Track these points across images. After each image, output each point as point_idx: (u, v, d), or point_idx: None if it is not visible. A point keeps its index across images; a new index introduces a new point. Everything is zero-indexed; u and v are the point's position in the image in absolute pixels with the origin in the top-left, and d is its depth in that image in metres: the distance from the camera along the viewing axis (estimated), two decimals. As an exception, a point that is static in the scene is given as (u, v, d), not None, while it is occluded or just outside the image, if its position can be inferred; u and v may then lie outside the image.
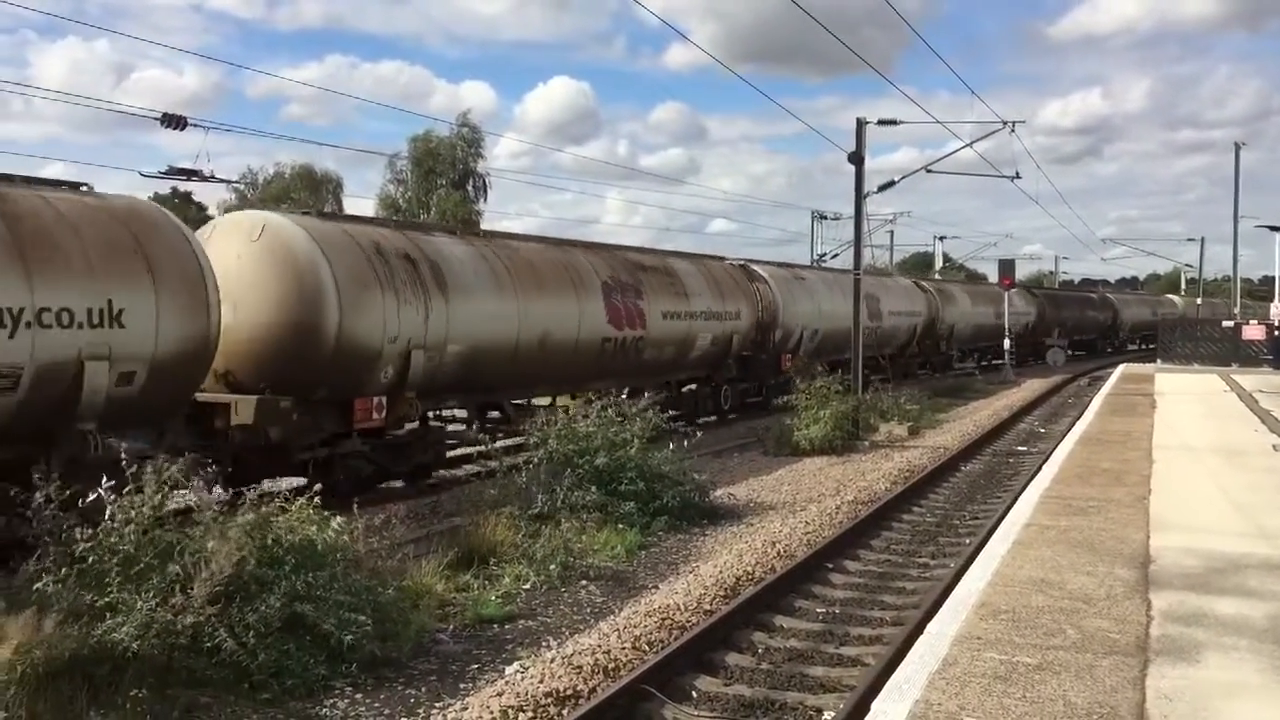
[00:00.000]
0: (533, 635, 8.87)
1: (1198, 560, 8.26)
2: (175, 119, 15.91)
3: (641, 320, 19.56)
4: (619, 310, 18.83)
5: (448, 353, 14.72)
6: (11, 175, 10.50)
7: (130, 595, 7.04)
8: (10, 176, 10.43)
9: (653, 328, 19.89)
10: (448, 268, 14.98)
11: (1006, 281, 43.28)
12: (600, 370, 18.75)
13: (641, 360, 19.97)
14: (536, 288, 16.69)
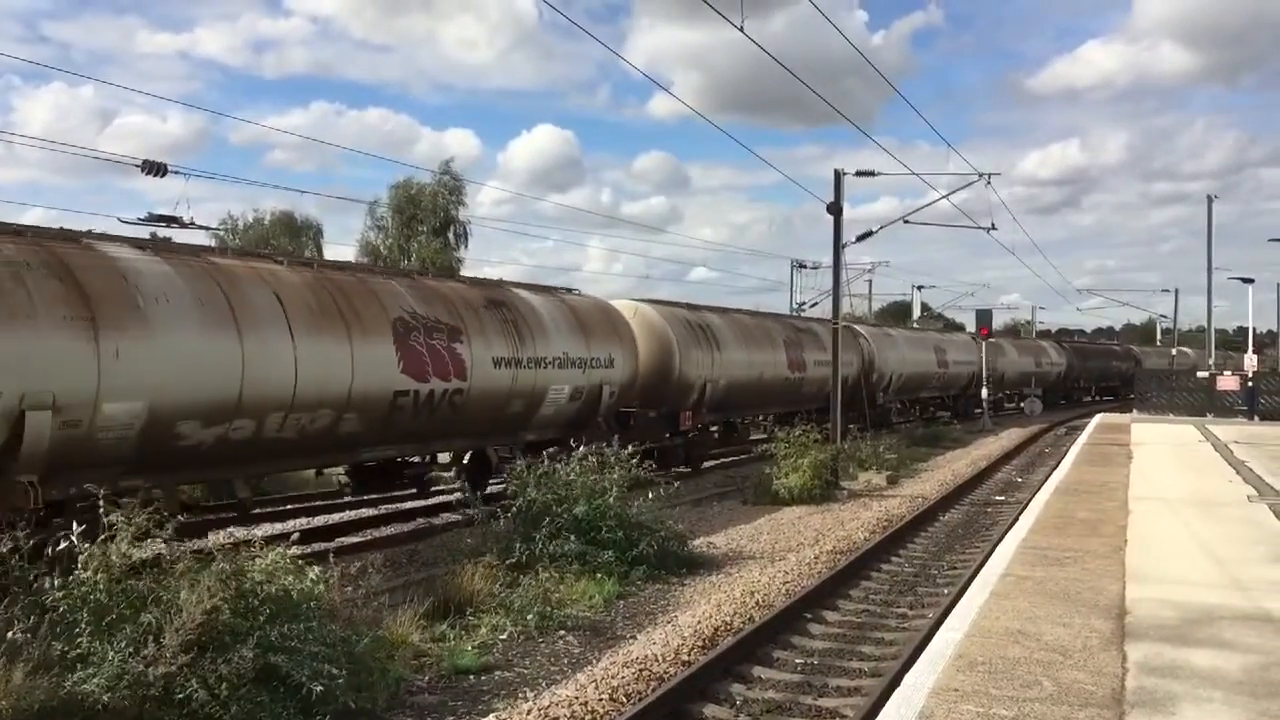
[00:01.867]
0: (509, 686, 8.79)
1: (1173, 612, 8.28)
2: (156, 166, 15.94)
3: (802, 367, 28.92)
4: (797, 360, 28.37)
5: (719, 384, 23.70)
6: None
7: (102, 645, 6.96)
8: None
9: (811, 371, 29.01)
10: (718, 331, 24.28)
11: (984, 331, 43.67)
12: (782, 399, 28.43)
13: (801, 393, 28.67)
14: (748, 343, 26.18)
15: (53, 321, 9.93)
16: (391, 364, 13.98)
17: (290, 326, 12.50)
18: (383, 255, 54.32)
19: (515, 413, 17.08)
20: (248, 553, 7.97)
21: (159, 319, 10.97)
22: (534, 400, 17.39)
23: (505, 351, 16.46)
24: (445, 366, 15.07)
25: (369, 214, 56.68)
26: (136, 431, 10.71)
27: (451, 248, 56.56)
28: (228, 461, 12.34)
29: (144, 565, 7.80)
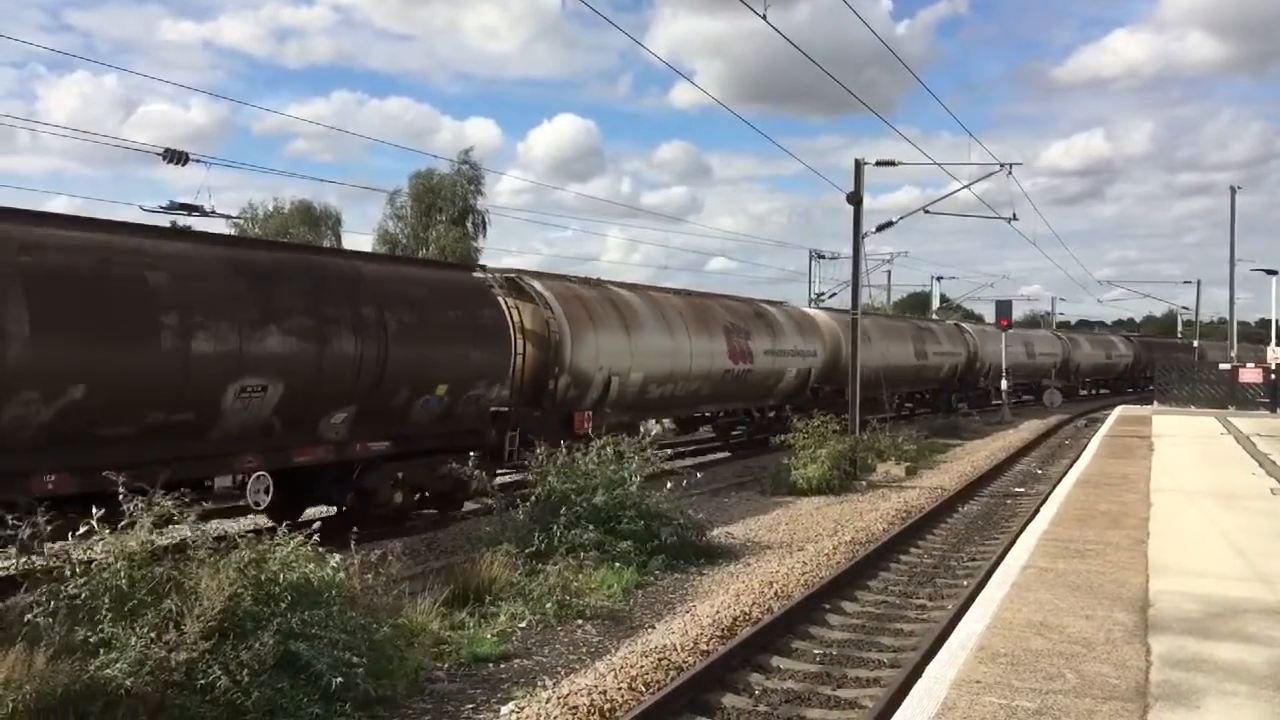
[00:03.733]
0: (528, 675, 8.80)
1: (1197, 605, 8.23)
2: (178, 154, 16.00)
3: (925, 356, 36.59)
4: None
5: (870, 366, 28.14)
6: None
7: (124, 631, 6.99)
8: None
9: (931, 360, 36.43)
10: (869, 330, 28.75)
11: (1004, 322, 43.50)
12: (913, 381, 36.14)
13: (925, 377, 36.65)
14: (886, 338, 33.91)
15: (610, 329, 19.21)
16: (724, 353, 23.26)
17: (688, 331, 21.88)
18: (401, 244, 54.49)
19: (769, 385, 26.22)
20: (269, 540, 7.99)
21: (644, 327, 20.41)
22: (778, 378, 26.44)
23: (769, 345, 25.53)
24: (743, 354, 23.99)
25: (389, 203, 56.94)
26: (637, 389, 20.07)
27: (470, 237, 56.69)
28: (664, 408, 22.91)
29: (165, 551, 7.82)
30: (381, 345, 13.15)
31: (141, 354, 10.46)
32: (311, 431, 12.73)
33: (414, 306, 13.99)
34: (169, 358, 10.63)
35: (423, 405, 14.20)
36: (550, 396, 17.53)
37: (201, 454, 11.42)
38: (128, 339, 10.36)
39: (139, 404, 10.51)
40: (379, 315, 13.22)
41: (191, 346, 10.85)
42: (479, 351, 15.15)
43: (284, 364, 11.90)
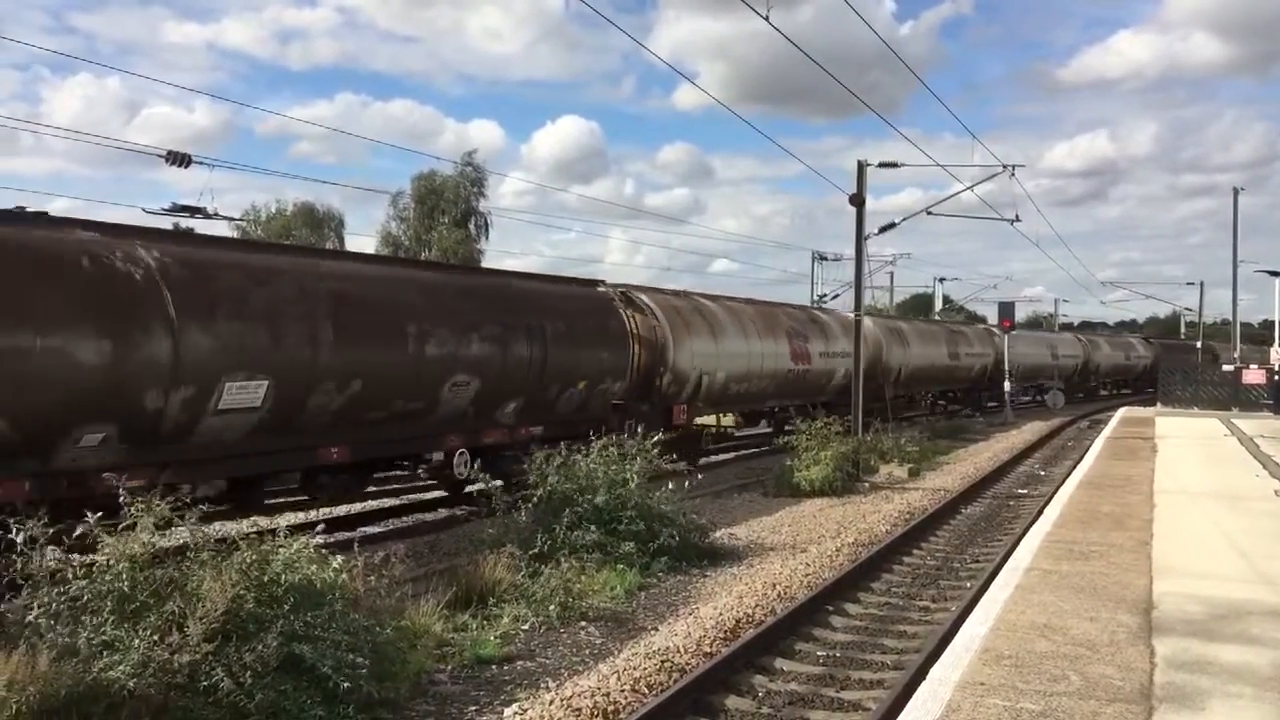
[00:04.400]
0: (531, 677, 8.79)
1: (1201, 606, 8.22)
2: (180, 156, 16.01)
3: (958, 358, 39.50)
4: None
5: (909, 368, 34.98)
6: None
7: (126, 633, 6.99)
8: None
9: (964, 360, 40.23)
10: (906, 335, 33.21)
11: (1006, 324, 43.47)
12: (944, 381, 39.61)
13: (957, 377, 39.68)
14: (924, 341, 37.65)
15: (700, 335, 22.07)
16: (787, 355, 26.16)
17: (759, 336, 24.90)
18: (403, 246, 54.51)
19: (822, 383, 28.93)
20: (271, 542, 7.98)
21: (726, 333, 23.22)
22: (830, 377, 29.00)
23: (823, 348, 28.43)
24: (802, 356, 26.94)
25: (391, 205, 56.98)
26: (721, 386, 22.64)
27: (472, 239, 56.70)
28: (740, 402, 24.98)
29: (167, 553, 7.82)
30: (543, 349, 16.37)
31: (395, 356, 13.50)
32: (491, 418, 15.88)
33: (564, 318, 17.29)
34: (411, 359, 13.77)
35: (567, 397, 17.35)
36: (656, 392, 20.75)
37: (425, 434, 14.63)
38: (387, 345, 13.41)
39: (391, 394, 13.62)
40: (541, 325, 16.47)
41: (425, 350, 13.94)
42: (607, 353, 18.47)
43: (480, 364, 15.04)
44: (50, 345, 9.54)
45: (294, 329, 12.04)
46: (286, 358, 11.88)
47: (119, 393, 10.13)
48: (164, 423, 10.70)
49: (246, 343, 11.40)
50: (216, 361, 11.05)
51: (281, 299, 12.03)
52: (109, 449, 10.27)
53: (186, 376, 10.73)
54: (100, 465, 10.12)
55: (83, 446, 10.02)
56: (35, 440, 9.67)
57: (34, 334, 9.38)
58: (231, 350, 11.22)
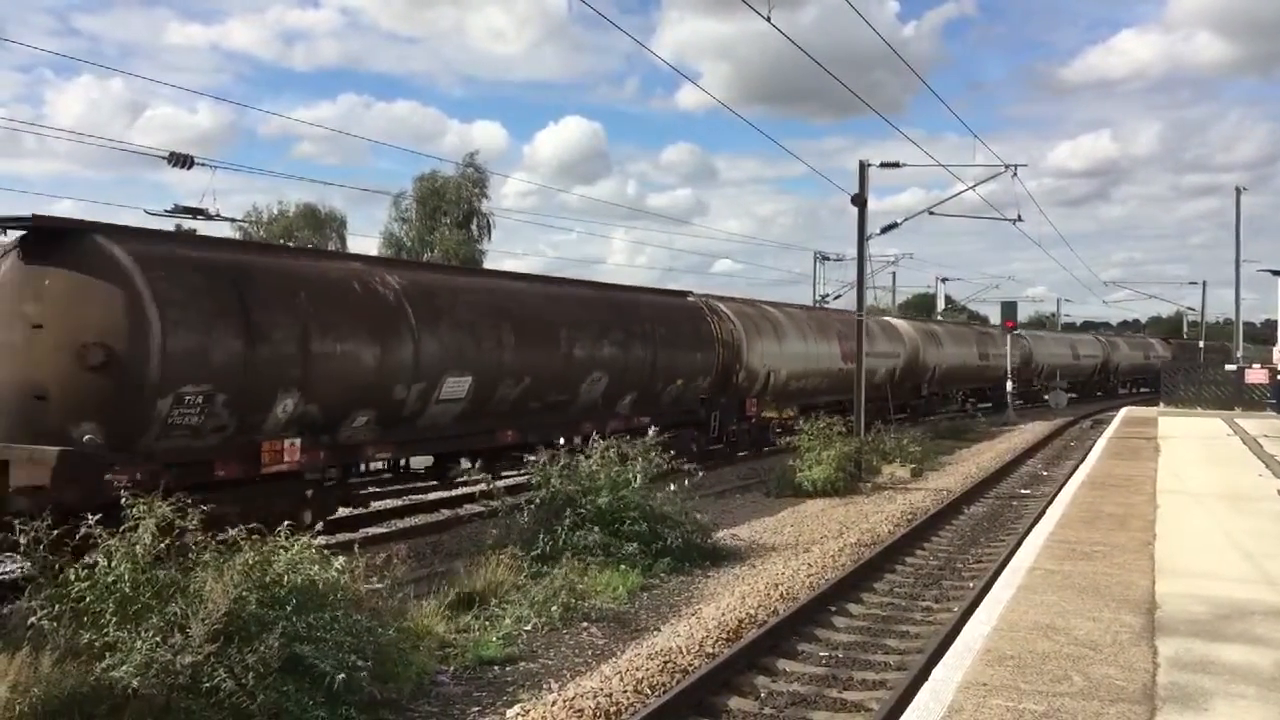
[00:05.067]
0: (534, 677, 8.79)
1: (1204, 606, 8.20)
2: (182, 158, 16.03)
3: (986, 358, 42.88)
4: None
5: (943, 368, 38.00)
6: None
7: (129, 635, 6.99)
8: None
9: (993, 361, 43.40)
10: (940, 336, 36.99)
11: (1010, 324, 43.47)
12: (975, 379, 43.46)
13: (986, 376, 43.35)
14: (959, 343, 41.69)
15: (767, 337, 24.93)
16: (837, 355, 29.03)
17: (815, 338, 28.14)
18: (405, 247, 54.54)
19: (876, 382, 31.48)
20: (273, 543, 7.98)
21: (788, 335, 26.31)
22: (873, 374, 29.92)
23: (867, 348, 26.78)
24: (850, 356, 27.41)
25: (394, 206, 57.03)
26: (783, 382, 25.71)
27: (474, 239, 56.73)
28: (798, 397, 27.29)
29: (169, 553, 7.81)
30: (653, 351, 19.84)
31: (552, 357, 16.81)
32: (614, 409, 19.13)
33: (668, 324, 20.83)
34: (562, 360, 17.07)
35: (669, 392, 20.79)
36: (733, 387, 23.81)
37: (567, 421, 17.74)
38: (547, 349, 16.71)
39: (549, 388, 16.86)
40: (653, 331, 20.01)
41: (573, 352, 17.32)
42: (699, 354, 21.86)
43: (609, 364, 18.33)
44: (338, 351, 12.60)
45: (488, 336, 15.23)
46: (483, 359, 15.08)
47: (380, 386, 13.32)
48: (404, 409, 13.93)
49: (458, 347, 14.57)
50: (440, 362, 14.21)
51: (479, 312, 15.27)
52: (369, 429, 13.55)
53: (422, 374, 13.91)
54: (363, 440, 13.60)
55: (355, 426, 13.34)
56: (331, 421, 12.90)
57: (326, 340, 12.41)
58: (450, 353, 14.39)
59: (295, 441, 12.32)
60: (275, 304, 11.94)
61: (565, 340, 17.02)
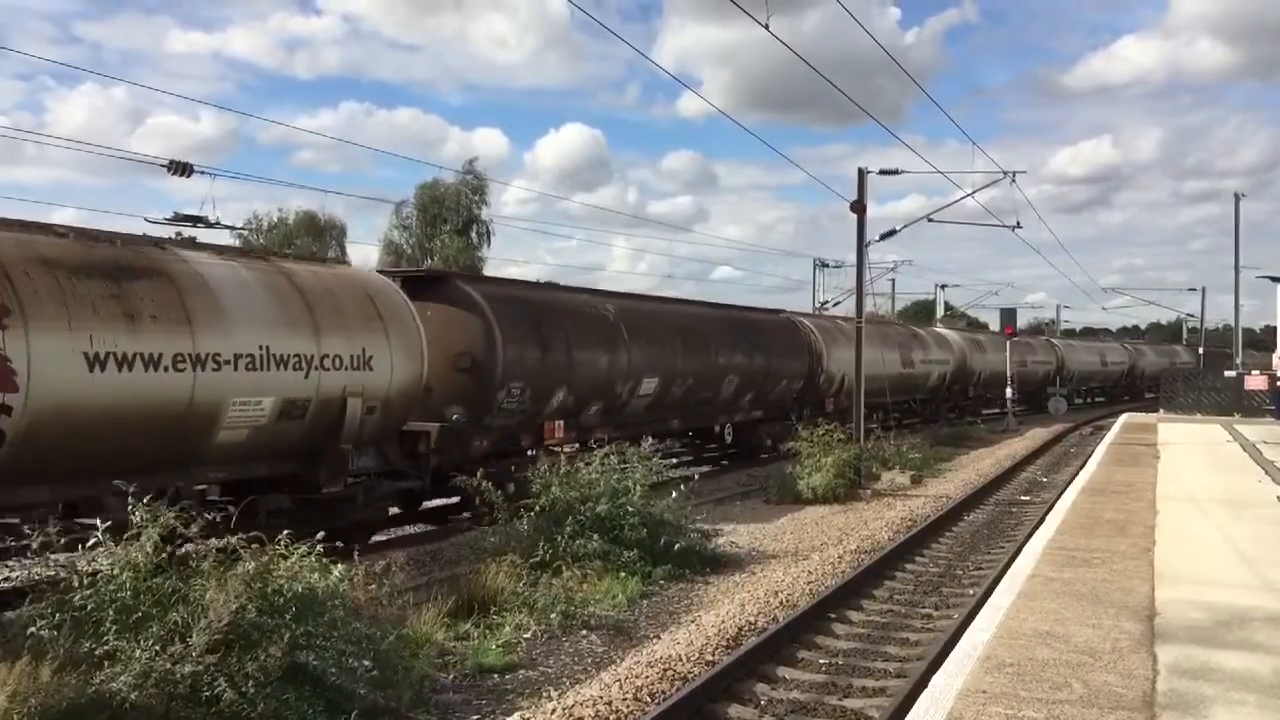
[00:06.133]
0: (533, 685, 8.79)
1: (1204, 613, 8.20)
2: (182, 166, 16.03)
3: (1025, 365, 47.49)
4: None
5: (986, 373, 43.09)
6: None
7: (128, 644, 6.99)
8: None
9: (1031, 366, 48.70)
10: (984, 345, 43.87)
11: (1009, 331, 43.50)
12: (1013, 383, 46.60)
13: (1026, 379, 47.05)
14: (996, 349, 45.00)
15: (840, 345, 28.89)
16: (898, 361, 33.96)
17: (881, 346, 31.78)
18: (406, 254, 54.57)
19: (921, 383, 37.08)
20: (273, 551, 7.98)
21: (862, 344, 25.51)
22: (927, 378, 37.34)
23: (923, 356, 36.57)
24: (909, 362, 34.72)
25: (394, 213, 57.08)
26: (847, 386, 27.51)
27: (474, 247, 56.77)
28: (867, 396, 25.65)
29: (170, 562, 7.81)
30: (767, 358, 25.16)
31: (706, 363, 22.22)
32: (738, 404, 24.59)
33: (775, 336, 26.52)
34: (711, 365, 22.47)
35: (775, 391, 26.10)
36: (816, 387, 28.78)
37: (709, 414, 23.65)
38: (703, 356, 22.05)
39: (702, 387, 22.16)
40: (766, 342, 25.35)
41: (718, 359, 22.66)
42: (795, 361, 27.19)
43: (739, 369, 23.71)
44: (587, 358, 18.05)
45: (668, 347, 20.63)
46: (665, 364, 20.46)
47: (607, 383, 18.79)
48: (618, 401, 19.31)
49: (651, 356, 19.97)
50: (641, 366, 19.57)
51: (663, 329, 20.86)
52: (598, 415, 18.87)
53: (630, 374, 19.31)
54: (594, 424, 18.66)
55: (590, 413, 18.53)
56: (579, 408, 18.13)
57: (581, 351, 17.82)
58: (647, 360, 19.81)
59: (560, 423, 17.65)
60: (554, 325, 17.39)
61: (713, 351, 22.45)
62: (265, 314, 11.70)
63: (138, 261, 10.67)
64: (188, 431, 10.77)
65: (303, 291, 12.36)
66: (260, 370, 11.41)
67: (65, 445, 9.60)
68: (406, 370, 13.64)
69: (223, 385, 10.97)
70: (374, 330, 13.16)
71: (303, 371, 11.96)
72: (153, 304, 10.37)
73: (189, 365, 10.57)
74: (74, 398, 9.55)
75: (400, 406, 13.71)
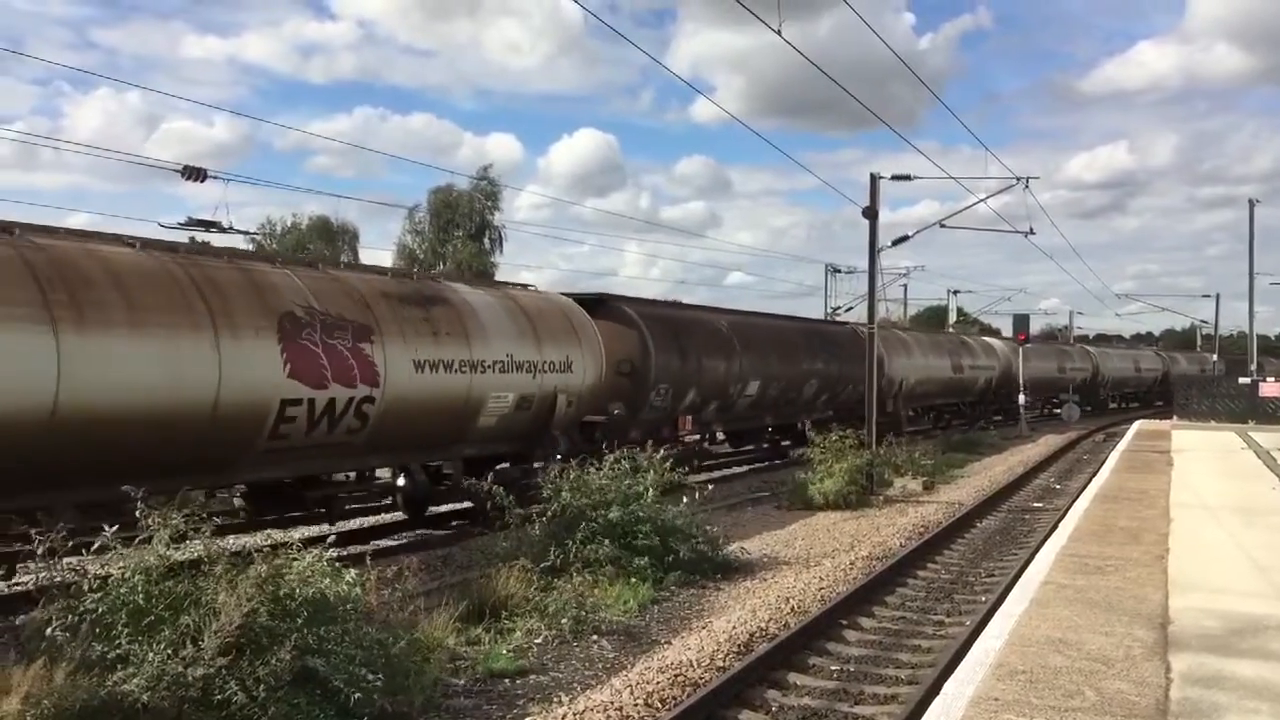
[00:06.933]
0: (544, 690, 8.78)
1: (1217, 621, 8.16)
2: (196, 171, 16.10)
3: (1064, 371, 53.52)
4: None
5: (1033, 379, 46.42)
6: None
7: (141, 647, 7.01)
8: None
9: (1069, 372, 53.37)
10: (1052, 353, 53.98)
11: (1021, 337, 43.42)
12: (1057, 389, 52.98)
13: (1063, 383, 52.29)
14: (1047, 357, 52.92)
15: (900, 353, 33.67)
16: (949, 367, 38.06)
17: (933, 354, 36.88)
18: (419, 259, 54.75)
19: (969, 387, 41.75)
20: (285, 555, 8.00)
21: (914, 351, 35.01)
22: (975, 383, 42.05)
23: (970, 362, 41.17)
24: (958, 368, 39.20)
25: (408, 218, 57.33)
26: (912, 386, 34.48)
27: (486, 252, 56.91)
28: (921, 398, 36.49)
29: (182, 566, 7.84)
30: (839, 365, 28.54)
31: (794, 369, 26.36)
32: (815, 405, 28.14)
33: (846, 346, 29.42)
34: (798, 370, 26.54)
35: (845, 393, 28.90)
36: (880, 391, 29.21)
37: (792, 412, 27.18)
38: (792, 363, 26.19)
39: (789, 389, 26.00)
40: (838, 350, 28.78)
41: (802, 365, 26.63)
42: (860, 367, 26.29)
43: (818, 374, 27.50)
44: (710, 365, 22.39)
45: (768, 355, 24.58)
46: (765, 370, 24.45)
47: (723, 385, 22.95)
48: (730, 400, 23.44)
49: (755, 363, 23.91)
50: (748, 372, 23.60)
51: (764, 340, 24.96)
52: (714, 413, 23.32)
53: (740, 378, 23.44)
54: (711, 420, 23.59)
55: (709, 410, 22.89)
56: (702, 406, 22.46)
57: (706, 359, 22.23)
58: (753, 366, 23.85)
59: (690, 418, 22.13)
60: (688, 338, 21.78)
61: (799, 359, 26.13)
62: (507, 330, 15.58)
63: (432, 292, 14.69)
64: (462, 418, 14.67)
65: (526, 312, 16.28)
66: (507, 373, 15.31)
67: (397, 426, 13.31)
68: (593, 373, 17.55)
69: (485, 384, 14.89)
70: (572, 342, 17.05)
71: (531, 374, 15.87)
72: (445, 323, 14.26)
73: (468, 369, 14.47)
74: (405, 392, 13.25)
75: (588, 401, 17.71)
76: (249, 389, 11.18)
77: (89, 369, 9.62)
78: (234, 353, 10.98)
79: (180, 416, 10.52)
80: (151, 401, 10.20)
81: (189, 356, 10.59)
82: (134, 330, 10.09)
